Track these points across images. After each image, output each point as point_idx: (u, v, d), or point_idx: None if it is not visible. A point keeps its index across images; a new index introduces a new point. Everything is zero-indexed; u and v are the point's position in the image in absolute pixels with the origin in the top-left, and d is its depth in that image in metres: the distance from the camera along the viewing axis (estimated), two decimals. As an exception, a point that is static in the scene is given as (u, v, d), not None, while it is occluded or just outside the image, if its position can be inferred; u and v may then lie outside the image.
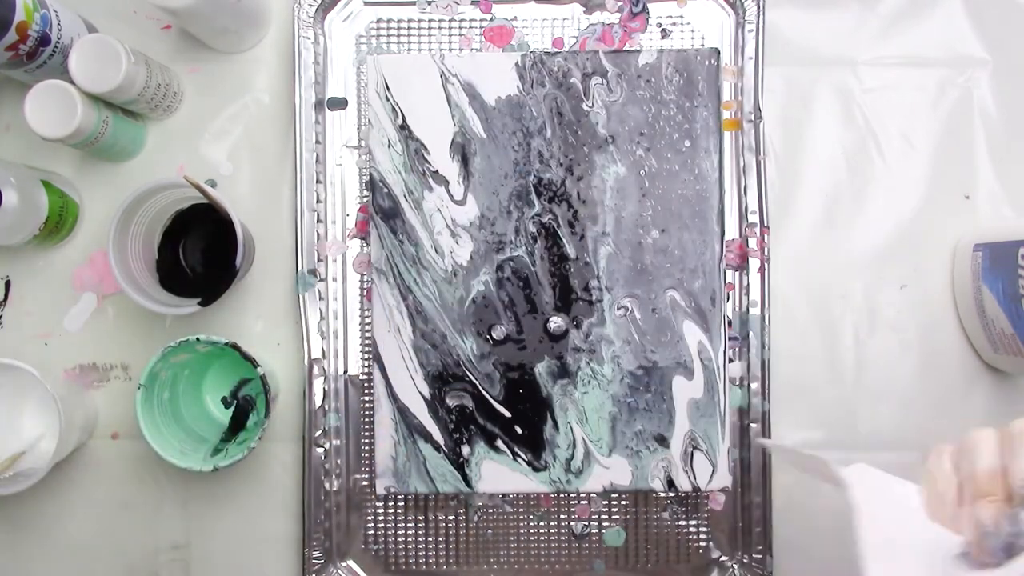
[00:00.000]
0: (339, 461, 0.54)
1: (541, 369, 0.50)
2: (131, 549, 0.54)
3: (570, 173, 0.51)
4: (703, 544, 0.54)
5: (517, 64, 0.51)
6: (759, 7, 0.54)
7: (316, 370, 0.54)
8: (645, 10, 0.55)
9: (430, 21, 0.56)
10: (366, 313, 0.55)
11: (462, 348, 0.50)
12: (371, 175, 0.51)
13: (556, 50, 0.55)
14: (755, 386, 0.54)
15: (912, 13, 0.57)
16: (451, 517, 0.54)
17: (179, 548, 0.54)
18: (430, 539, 0.54)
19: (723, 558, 0.54)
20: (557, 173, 0.51)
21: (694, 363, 0.50)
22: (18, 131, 0.55)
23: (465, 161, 0.51)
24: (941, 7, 0.57)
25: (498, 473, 0.50)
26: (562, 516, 0.54)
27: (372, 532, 0.54)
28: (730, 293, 0.54)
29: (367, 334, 0.55)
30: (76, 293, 0.55)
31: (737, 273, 0.55)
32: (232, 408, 0.55)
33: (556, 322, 0.50)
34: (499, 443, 0.50)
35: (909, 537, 0.33)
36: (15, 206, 0.49)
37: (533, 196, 0.51)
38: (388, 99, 0.51)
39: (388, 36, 0.56)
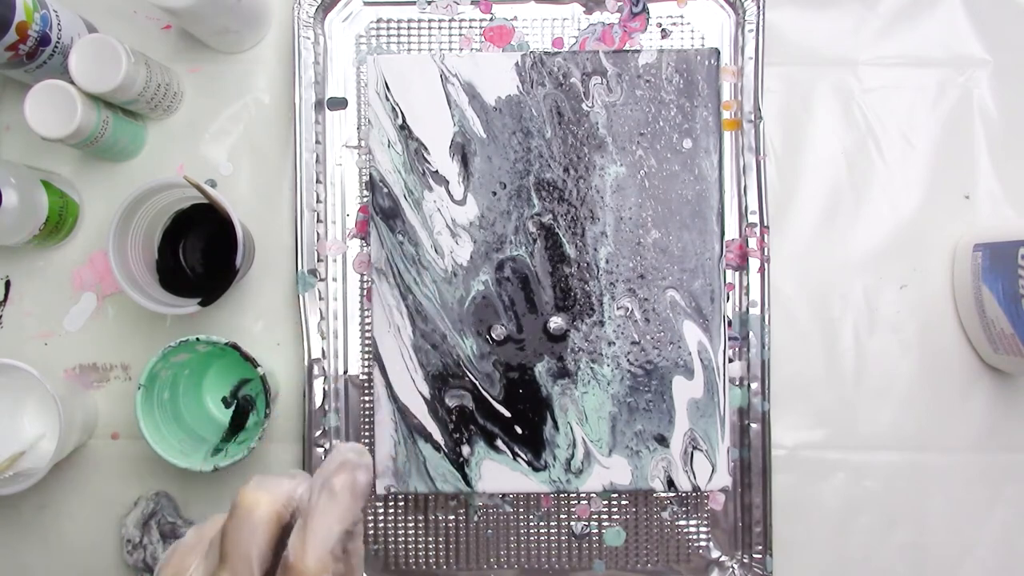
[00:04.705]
0: (339, 461, 0.54)
1: (541, 369, 0.50)
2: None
3: (570, 173, 0.51)
4: (703, 544, 0.54)
5: (517, 64, 0.51)
6: (759, 7, 0.54)
7: (316, 370, 0.54)
8: (645, 10, 0.55)
9: (430, 21, 0.56)
10: (366, 313, 0.55)
11: (462, 348, 0.50)
12: (371, 175, 0.51)
13: (556, 50, 0.55)
14: (755, 386, 0.54)
15: (912, 13, 0.57)
16: (451, 517, 0.54)
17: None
18: (430, 539, 0.54)
19: (723, 558, 0.54)
20: (557, 173, 0.51)
21: (694, 363, 0.50)
22: (18, 131, 0.55)
23: (465, 161, 0.51)
24: (941, 7, 0.57)
25: (498, 473, 0.50)
26: (562, 516, 0.54)
27: (372, 532, 0.54)
28: (730, 293, 0.54)
29: (367, 334, 0.55)
30: (76, 293, 0.55)
31: (737, 273, 0.54)
32: (232, 408, 0.55)
33: (556, 322, 0.50)
34: (499, 443, 0.50)
35: None
36: (15, 206, 0.49)
37: (533, 196, 0.51)
38: (388, 99, 0.51)
39: (388, 36, 0.56)
